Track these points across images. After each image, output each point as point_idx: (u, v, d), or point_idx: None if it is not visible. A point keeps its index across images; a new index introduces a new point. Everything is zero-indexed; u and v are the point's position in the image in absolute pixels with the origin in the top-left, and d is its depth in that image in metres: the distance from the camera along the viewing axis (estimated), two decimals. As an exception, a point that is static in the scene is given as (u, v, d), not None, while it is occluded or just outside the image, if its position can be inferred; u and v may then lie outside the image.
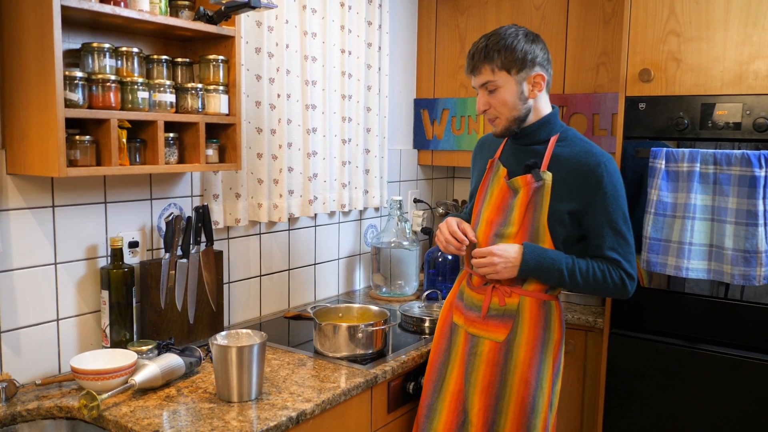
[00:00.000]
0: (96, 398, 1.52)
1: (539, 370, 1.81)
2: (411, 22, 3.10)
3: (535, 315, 1.82)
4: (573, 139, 1.83)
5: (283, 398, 1.66)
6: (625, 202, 1.79)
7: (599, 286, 1.78)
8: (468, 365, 1.88)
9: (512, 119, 1.81)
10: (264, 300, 2.45)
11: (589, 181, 1.75)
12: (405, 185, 3.16)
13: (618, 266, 1.78)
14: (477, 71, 1.80)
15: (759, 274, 1.99)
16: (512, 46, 1.75)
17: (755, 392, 2.09)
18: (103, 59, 1.67)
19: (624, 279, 1.78)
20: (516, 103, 1.79)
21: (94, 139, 1.66)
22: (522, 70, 1.77)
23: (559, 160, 1.80)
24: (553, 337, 1.84)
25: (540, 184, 1.78)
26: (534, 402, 1.81)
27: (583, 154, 1.78)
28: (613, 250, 1.77)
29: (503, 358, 1.83)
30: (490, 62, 1.76)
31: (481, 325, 1.87)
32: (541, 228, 1.79)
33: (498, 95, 1.79)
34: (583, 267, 1.77)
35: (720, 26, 2.09)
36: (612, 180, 1.76)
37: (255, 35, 2.22)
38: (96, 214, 1.88)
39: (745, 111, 2.06)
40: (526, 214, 1.81)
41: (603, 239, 1.78)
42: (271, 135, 2.32)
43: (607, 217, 1.76)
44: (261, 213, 2.31)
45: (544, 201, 1.78)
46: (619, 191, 1.78)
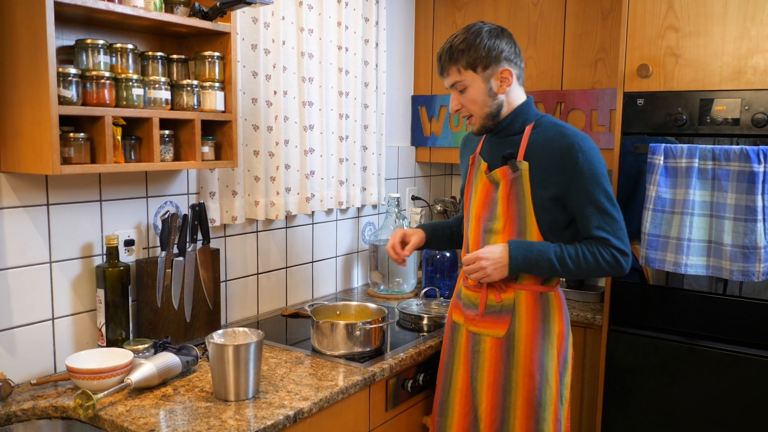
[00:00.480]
0: (92, 398, 1.51)
1: (542, 363, 1.81)
2: (408, 18, 3.09)
3: (532, 308, 1.83)
4: (547, 124, 1.83)
5: (281, 397, 1.65)
6: (606, 179, 1.77)
7: (593, 268, 1.76)
8: (473, 363, 1.88)
9: (485, 116, 1.84)
10: (261, 298, 2.44)
11: (565, 163, 1.75)
12: (403, 182, 3.15)
13: (607, 245, 1.76)
14: (445, 73, 1.83)
15: (758, 270, 1.98)
16: (475, 44, 1.77)
17: (754, 388, 2.08)
18: (98, 56, 1.66)
19: (616, 256, 1.76)
20: (486, 100, 1.81)
21: (88, 137, 1.64)
22: (488, 67, 1.79)
23: (534, 147, 1.80)
24: (554, 329, 1.84)
25: (517, 174, 1.79)
26: (541, 395, 1.81)
27: (557, 136, 1.78)
28: (600, 228, 1.76)
29: (506, 353, 1.83)
30: (456, 63, 1.79)
31: (480, 323, 1.87)
32: (528, 218, 1.80)
33: (468, 94, 1.82)
34: (572, 252, 1.76)
35: (718, 21, 2.08)
36: (588, 158, 1.74)
37: (251, 32, 2.21)
38: (91, 212, 1.86)
39: (744, 106, 2.05)
40: (509, 206, 1.82)
41: (588, 219, 1.76)
42: (268, 132, 2.31)
43: (589, 197, 1.75)
44: (258, 210, 2.30)
45: (525, 190, 1.79)
46: (596, 169, 1.75)
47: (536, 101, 2.76)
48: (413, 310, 2.35)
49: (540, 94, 2.74)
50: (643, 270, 2.26)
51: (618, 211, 1.79)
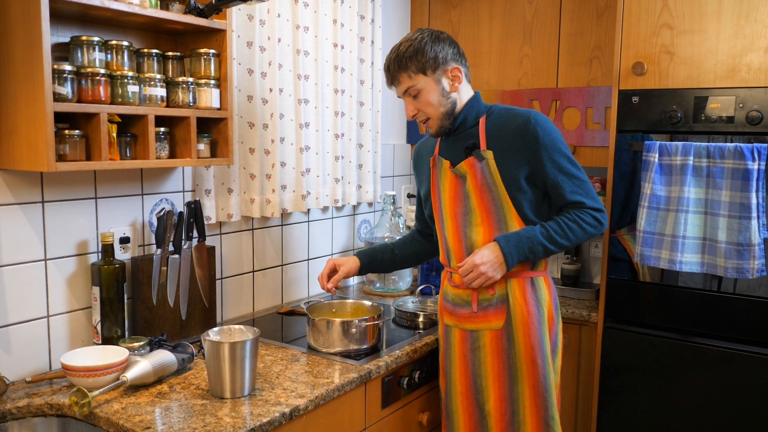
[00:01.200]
0: (87, 395, 1.50)
1: (542, 347, 1.84)
2: (404, 16, 3.09)
3: (525, 294, 1.85)
4: (499, 111, 1.89)
5: (276, 394, 1.65)
6: (565, 146, 1.83)
7: (579, 235, 1.81)
8: (474, 360, 1.89)
9: (442, 116, 1.88)
10: (257, 296, 2.44)
11: (527, 140, 1.80)
12: (398, 180, 3.15)
13: (583, 207, 1.81)
14: (396, 81, 1.88)
15: (752, 267, 1.99)
16: (422, 49, 1.82)
17: (748, 384, 2.09)
18: (93, 53, 1.66)
19: (595, 216, 1.82)
20: (441, 100, 1.86)
21: (83, 134, 1.64)
22: (437, 69, 1.84)
23: (493, 134, 1.85)
24: (546, 313, 1.87)
25: (483, 163, 1.83)
26: (546, 380, 1.84)
27: (511, 118, 1.84)
28: (574, 193, 1.81)
29: (507, 343, 1.86)
30: (405, 69, 1.84)
31: (475, 319, 1.88)
32: (504, 204, 1.82)
33: (422, 98, 1.85)
34: (556, 227, 1.80)
35: (713, 19, 2.09)
36: (546, 130, 1.80)
37: (247, 29, 2.20)
38: (86, 210, 1.86)
39: (738, 104, 2.06)
40: (483, 196, 1.84)
41: (561, 187, 1.81)
42: (264, 130, 2.30)
43: (557, 166, 1.80)
44: (253, 208, 2.30)
45: (495, 178, 1.82)
46: (556, 137, 1.81)
47: (531, 99, 2.76)
48: (409, 308, 2.35)
49: (535, 92, 2.75)
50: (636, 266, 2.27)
51: (582, 172, 1.84)
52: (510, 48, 2.80)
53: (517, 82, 2.80)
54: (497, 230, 1.84)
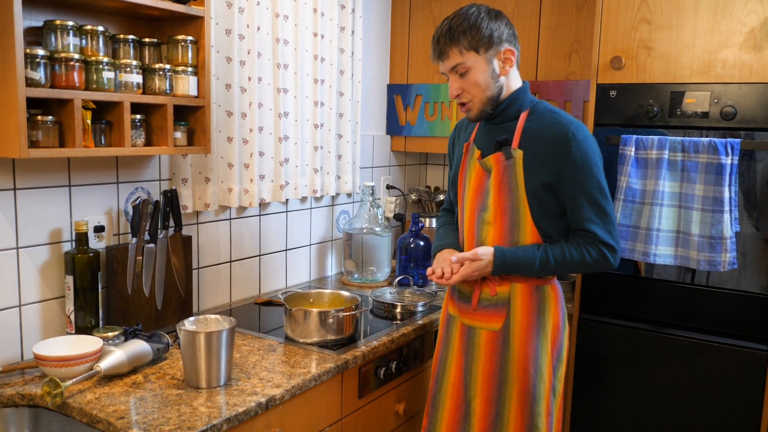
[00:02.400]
0: (60, 385, 1.49)
1: (537, 357, 1.78)
2: (384, 6, 3.08)
3: (528, 301, 1.79)
4: (543, 111, 1.78)
5: (253, 384, 1.65)
6: (600, 171, 1.73)
7: (578, 265, 1.74)
8: (467, 356, 1.86)
9: (486, 100, 1.77)
10: (234, 286, 2.43)
11: (559, 152, 1.70)
12: (378, 171, 3.15)
13: (595, 239, 1.72)
14: (444, 56, 1.75)
15: (724, 260, 2.02)
16: (477, 25, 1.71)
17: (718, 375, 2.13)
18: (67, 37, 1.63)
19: (603, 252, 1.72)
20: (489, 83, 1.75)
21: (57, 120, 1.61)
22: (490, 48, 1.72)
23: (529, 135, 1.76)
24: (549, 322, 1.80)
25: (511, 162, 1.75)
26: (535, 390, 1.78)
27: (552, 124, 1.73)
28: (590, 221, 1.72)
29: (501, 347, 1.80)
30: (457, 44, 1.72)
31: (474, 316, 1.84)
32: (521, 207, 1.75)
33: (470, 77, 1.74)
34: (558, 255, 1.72)
35: (689, 15, 2.11)
36: (581, 148, 1.70)
37: (225, 16, 2.18)
38: (60, 198, 1.83)
39: (713, 99, 2.09)
40: (501, 195, 1.76)
41: (579, 211, 1.72)
42: (242, 119, 2.29)
43: (581, 188, 1.70)
44: (231, 198, 2.28)
45: (518, 179, 1.74)
46: (590, 159, 1.71)
47: (511, 92, 2.77)
48: (387, 299, 2.36)
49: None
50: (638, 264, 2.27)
51: (610, 204, 1.74)
52: (490, 40, 2.80)
53: (496, 75, 2.80)
54: (508, 233, 1.77)
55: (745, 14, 2.02)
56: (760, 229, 2.06)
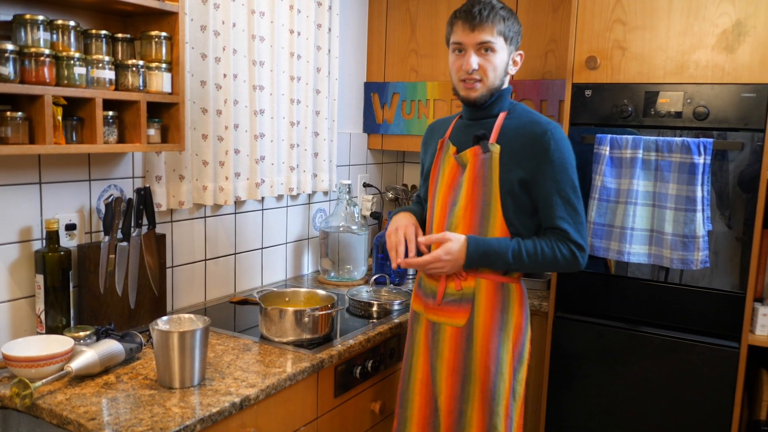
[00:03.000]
0: (29, 386, 1.46)
1: (498, 355, 1.79)
2: (361, 4, 3.07)
3: (492, 298, 1.80)
4: (521, 111, 1.84)
5: (227, 384, 1.63)
6: (574, 171, 1.77)
7: (549, 263, 1.75)
8: (432, 351, 1.87)
9: (492, 87, 1.80)
10: (209, 285, 2.40)
11: (537, 150, 1.74)
12: (354, 169, 3.14)
13: (566, 237, 1.75)
14: (480, 27, 1.75)
15: (696, 259, 2.05)
16: (513, 18, 1.80)
17: (691, 372, 2.16)
18: (37, 32, 1.59)
19: (574, 251, 1.75)
20: (501, 73, 1.80)
21: (26, 116, 1.58)
22: (512, 43, 1.81)
23: (506, 132, 1.80)
24: (512, 321, 1.82)
25: (488, 156, 1.77)
26: (495, 388, 1.79)
27: (530, 123, 1.79)
28: (562, 219, 1.75)
29: (465, 343, 1.81)
30: (496, 24, 1.75)
31: (439, 311, 1.85)
32: (493, 201, 1.77)
33: (494, 59, 1.77)
34: (531, 248, 1.74)
35: (663, 16, 2.13)
36: (559, 147, 1.74)
37: (200, 12, 2.16)
38: (30, 195, 1.80)
39: (686, 99, 2.11)
40: (474, 189, 1.79)
41: (552, 208, 1.75)
42: (217, 116, 2.26)
43: (556, 186, 1.74)
44: (206, 196, 2.26)
45: (493, 174, 1.76)
46: (566, 159, 1.75)
47: (487, 91, 2.77)
48: (363, 297, 2.35)
49: (491, 83, 2.76)
50: (607, 262, 2.29)
51: (581, 205, 1.78)
52: (467, 39, 2.81)
53: (473, 74, 2.81)
54: (477, 227, 1.79)
55: (717, 16, 2.05)
56: (732, 227, 2.09)
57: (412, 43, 3.00)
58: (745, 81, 2.03)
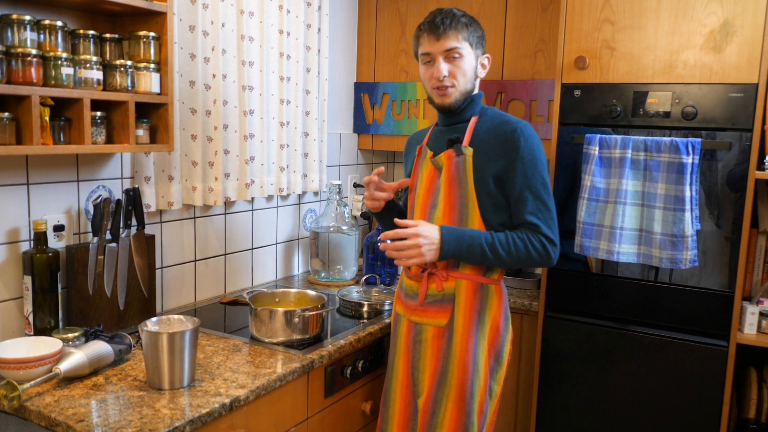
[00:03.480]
0: (17, 388, 1.45)
1: (475, 354, 1.82)
2: (351, 4, 3.07)
3: (471, 298, 1.83)
4: (492, 114, 1.89)
5: (217, 385, 1.63)
6: (544, 168, 1.80)
7: (522, 256, 1.77)
8: (414, 352, 1.89)
9: (464, 92, 1.87)
10: (199, 285, 2.39)
11: (507, 147, 1.78)
12: (345, 169, 3.14)
13: (537, 231, 1.77)
14: (444, 36, 1.81)
15: (685, 258, 2.06)
16: (475, 23, 1.86)
17: (680, 371, 2.17)
18: (24, 32, 1.58)
19: (545, 245, 1.77)
20: (471, 77, 1.86)
21: (13, 117, 1.57)
22: (478, 47, 1.87)
23: (478, 134, 1.85)
24: (489, 321, 1.85)
25: (461, 158, 1.82)
26: (472, 386, 1.81)
27: (500, 123, 1.83)
28: (533, 214, 1.77)
29: (446, 343, 1.84)
30: (459, 31, 1.82)
31: (421, 312, 1.88)
32: (470, 202, 1.81)
33: (462, 64, 1.83)
34: (503, 239, 1.77)
35: (652, 16, 2.14)
36: (529, 144, 1.78)
37: (189, 12, 2.15)
38: (18, 196, 1.79)
39: (675, 99, 2.12)
40: (451, 191, 1.83)
41: (523, 204, 1.78)
42: (206, 116, 2.26)
43: (527, 182, 1.77)
44: (195, 196, 2.25)
45: (467, 175, 1.81)
46: (537, 156, 1.79)
47: (477, 91, 2.78)
48: (353, 298, 2.35)
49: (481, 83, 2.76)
50: (588, 260, 2.31)
51: (552, 201, 1.81)
52: (457, 39, 2.81)
53: (463, 74, 2.82)
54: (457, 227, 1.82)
55: (705, 16, 2.06)
56: (720, 227, 2.10)
57: (401, 43, 3.00)
58: (732, 81, 2.05)
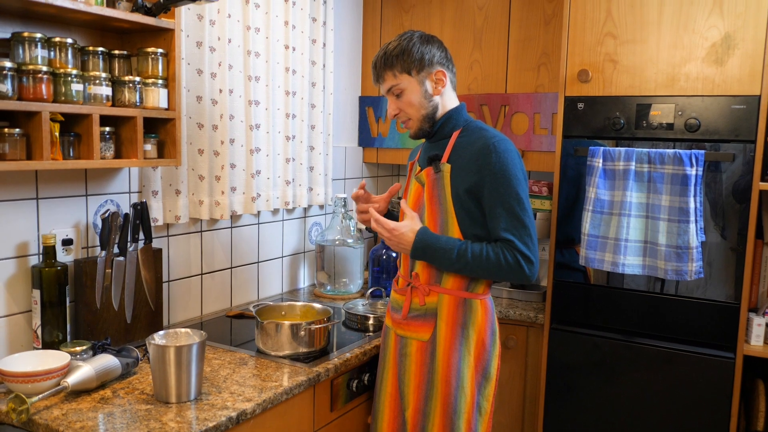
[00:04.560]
0: (25, 401, 1.46)
1: (459, 369, 1.81)
2: (356, 19, 3.10)
3: (453, 313, 1.83)
4: (473, 129, 1.87)
5: (223, 398, 1.63)
6: (518, 183, 1.76)
7: (493, 267, 1.75)
8: (400, 366, 1.90)
9: (422, 118, 1.87)
10: (206, 299, 2.41)
11: (480, 161, 1.77)
12: (350, 183, 3.15)
13: (512, 247, 1.75)
14: (381, 79, 1.88)
15: (690, 269, 2.06)
16: (408, 49, 1.83)
17: (687, 383, 2.16)
18: (35, 49, 1.61)
19: (519, 260, 1.74)
20: (422, 102, 1.85)
21: (24, 132, 1.59)
22: (422, 70, 1.83)
23: (457, 149, 1.84)
24: (473, 336, 1.83)
25: (439, 175, 1.83)
26: (456, 402, 1.81)
27: (477, 138, 1.81)
28: (507, 230, 1.75)
29: (429, 357, 1.84)
30: (391, 68, 1.84)
31: (405, 326, 1.89)
32: (449, 218, 1.82)
33: (405, 97, 1.86)
34: (476, 249, 1.76)
35: (653, 29, 2.16)
36: (501, 159, 1.75)
37: (196, 29, 2.18)
38: (27, 211, 1.81)
39: (678, 112, 2.14)
40: (432, 207, 1.84)
41: (497, 220, 1.76)
42: (213, 131, 2.28)
43: (500, 198, 1.75)
44: (202, 210, 2.27)
45: (445, 191, 1.82)
46: (508, 170, 1.75)
47: (481, 104, 2.80)
48: (359, 311, 2.36)
49: (485, 96, 2.79)
50: (587, 271, 2.32)
51: (529, 217, 1.77)
52: (461, 53, 2.84)
53: (467, 87, 2.84)
54: None
55: (706, 29, 2.08)
56: (726, 238, 2.11)
57: (406, 57, 3.01)
58: (734, 93, 2.06)
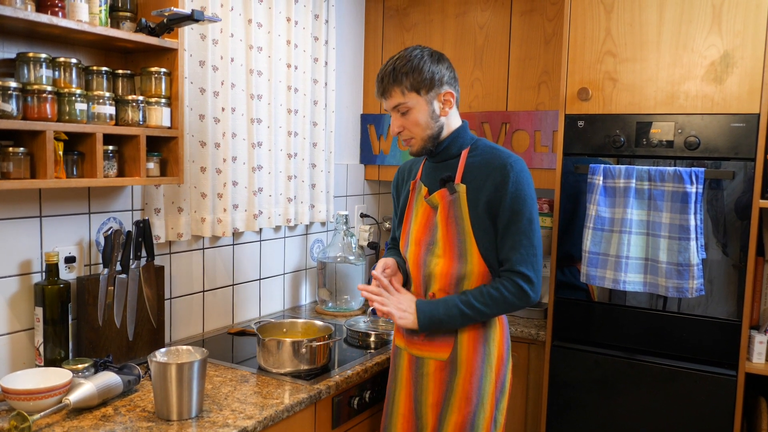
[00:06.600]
0: (27, 419, 1.46)
1: (480, 386, 1.81)
2: (358, 38, 3.13)
3: (475, 331, 1.82)
4: (483, 147, 1.85)
5: (224, 416, 1.63)
6: (531, 204, 1.77)
7: (500, 303, 1.76)
8: (417, 386, 1.88)
9: (426, 138, 1.83)
10: (207, 316, 2.41)
11: (497, 181, 1.76)
12: (351, 200, 3.16)
13: (510, 268, 1.76)
14: (387, 94, 1.81)
15: (691, 287, 2.06)
16: (419, 67, 1.76)
17: (688, 401, 2.15)
18: (40, 69, 1.63)
19: (520, 284, 1.75)
20: (429, 122, 1.81)
21: (28, 151, 1.61)
22: (431, 90, 1.78)
23: (471, 169, 1.82)
24: (495, 352, 1.84)
25: (455, 196, 1.81)
26: (474, 419, 1.80)
27: (492, 158, 1.80)
28: (512, 250, 1.76)
29: (448, 376, 1.83)
30: (400, 84, 1.77)
31: (422, 346, 1.87)
32: (467, 239, 1.79)
33: (411, 116, 1.80)
34: (476, 293, 1.76)
35: (653, 48, 2.17)
36: (517, 179, 1.75)
37: (199, 48, 2.20)
38: (30, 229, 1.82)
39: (677, 129, 2.15)
40: (449, 229, 1.82)
41: (505, 239, 1.77)
42: (216, 149, 2.29)
43: (514, 217, 1.75)
44: (204, 227, 2.28)
45: (462, 212, 1.79)
46: (523, 190, 1.76)
47: (482, 122, 2.82)
48: (360, 328, 2.36)
49: (486, 114, 2.81)
50: (589, 288, 2.32)
51: (537, 238, 1.78)
52: (462, 71, 2.86)
53: (468, 105, 2.86)
54: (457, 263, 1.80)
55: (705, 48, 2.10)
56: (727, 255, 2.11)
57: (407, 75, 3.04)
58: (734, 111, 2.07)
